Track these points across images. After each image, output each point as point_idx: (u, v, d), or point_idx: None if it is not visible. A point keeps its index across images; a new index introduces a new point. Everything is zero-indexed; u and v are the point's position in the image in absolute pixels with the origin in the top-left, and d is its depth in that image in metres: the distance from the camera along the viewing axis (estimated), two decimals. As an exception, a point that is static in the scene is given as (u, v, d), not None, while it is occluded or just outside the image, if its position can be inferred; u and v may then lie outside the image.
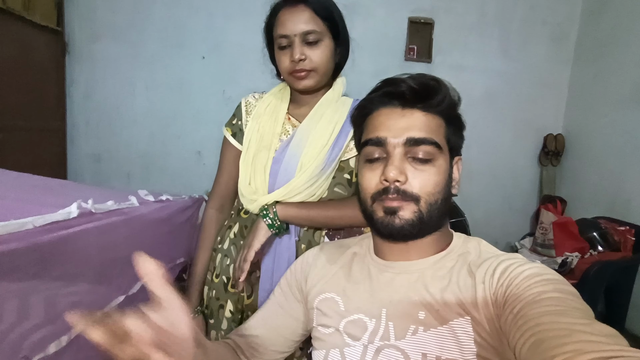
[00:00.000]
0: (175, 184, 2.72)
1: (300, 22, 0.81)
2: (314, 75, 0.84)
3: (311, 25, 0.81)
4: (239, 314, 0.88)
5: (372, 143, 0.58)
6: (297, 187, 0.83)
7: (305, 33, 0.81)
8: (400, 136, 0.56)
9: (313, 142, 0.85)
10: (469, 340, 0.49)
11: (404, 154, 0.56)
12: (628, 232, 2.05)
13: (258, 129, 0.90)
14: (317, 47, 0.83)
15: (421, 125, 0.56)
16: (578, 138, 2.76)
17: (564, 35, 2.84)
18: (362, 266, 0.64)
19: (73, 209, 0.54)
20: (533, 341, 0.40)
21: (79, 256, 0.57)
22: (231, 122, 0.96)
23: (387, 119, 0.58)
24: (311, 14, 0.82)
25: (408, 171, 0.55)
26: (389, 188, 0.55)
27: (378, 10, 2.74)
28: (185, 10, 2.69)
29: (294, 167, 0.85)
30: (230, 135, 0.95)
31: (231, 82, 2.72)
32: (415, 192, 0.54)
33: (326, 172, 0.85)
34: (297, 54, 0.81)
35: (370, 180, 0.57)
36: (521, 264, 0.51)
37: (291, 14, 0.81)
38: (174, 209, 1.00)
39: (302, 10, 0.81)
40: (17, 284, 0.46)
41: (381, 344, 0.54)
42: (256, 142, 0.90)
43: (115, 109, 2.75)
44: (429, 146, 0.55)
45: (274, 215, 0.81)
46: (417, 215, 0.54)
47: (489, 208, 2.88)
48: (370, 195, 0.57)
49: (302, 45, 0.82)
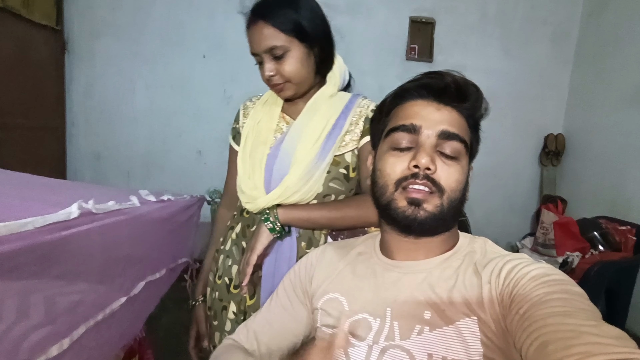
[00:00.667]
0: (175, 182, 2.72)
1: (262, 40, 0.80)
2: (290, 86, 0.84)
3: (273, 41, 0.80)
4: (242, 314, 0.88)
5: (404, 129, 0.57)
6: (292, 185, 0.82)
7: (269, 49, 0.81)
8: (434, 128, 0.56)
9: (306, 137, 0.85)
10: (475, 340, 0.49)
11: (434, 145, 0.56)
12: (629, 232, 2.05)
13: (254, 125, 0.92)
14: (284, 60, 0.82)
15: (454, 122, 0.57)
16: (578, 138, 2.76)
17: (564, 35, 2.84)
18: (367, 265, 0.63)
19: (74, 210, 0.53)
20: (540, 343, 0.40)
21: (80, 257, 0.56)
22: (232, 128, 1.00)
23: (422, 110, 0.58)
24: (270, 29, 0.80)
25: (437, 163, 0.55)
26: (418, 174, 0.54)
27: (379, 10, 2.74)
28: (186, 8, 2.68)
29: (288, 163, 0.84)
30: (231, 139, 0.99)
31: (232, 81, 2.71)
32: (442, 184, 0.54)
33: (320, 166, 0.84)
34: (267, 71, 0.82)
35: (395, 166, 0.56)
36: (528, 264, 0.50)
37: (254, 32, 0.81)
38: (175, 209, 0.99)
39: (262, 27, 0.80)
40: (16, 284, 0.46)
41: (386, 344, 0.54)
42: (253, 137, 0.91)
43: (115, 107, 2.75)
44: (459, 143, 0.56)
45: (274, 219, 0.80)
46: (439, 209, 0.54)
47: (489, 208, 2.88)
48: (395, 180, 0.56)
49: (271, 60, 0.82)
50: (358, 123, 0.88)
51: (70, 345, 0.53)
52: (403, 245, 0.59)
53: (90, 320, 0.60)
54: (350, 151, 0.88)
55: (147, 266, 0.86)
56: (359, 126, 0.88)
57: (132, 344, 0.94)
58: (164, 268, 0.96)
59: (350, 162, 0.88)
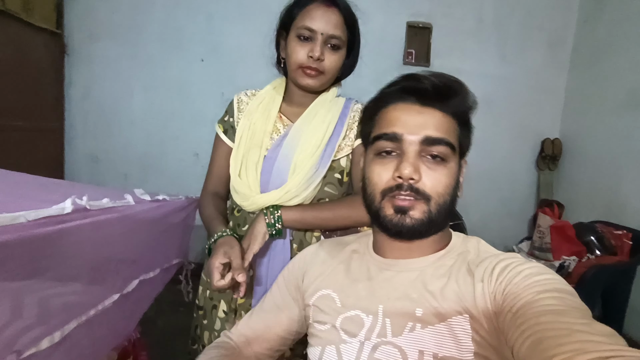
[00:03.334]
0: (172, 185, 2.72)
1: (330, 23, 0.81)
2: (322, 78, 0.85)
3: (338, 31, 0.82)
4: (233, 313, 0.87)
5: (386, 138, 0.56)
6: (292, 190, 0.82)
7: (331, 36, 0.82)
8: (417, 134, 0.55)
9: (306, 142, 0.85)
10: (467, 338, 0.49)
11: (418, 152, 0.55)
12: (625, 236, 2.06)
13: (250, 126, 0.90)
14: (335, 52, 0.83)
15: (438, 124, 0.55)
16: (575, 142, 2.77)
17: (560, 41, 2.86)
18: (361, 264, 0.63)
19: (67, 205, 0.54)
20: (532, 340, 0.40)
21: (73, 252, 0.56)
22: (223, 119, 0.96)
23: (403, 114, 0.57)
24: (341, 20, 0.82)
25: (422, 170, 0.54)
26: (402, 185, 0.54)
27: (377, 15, 2.76)
28: (184, 12, 2.69)
29: (287, 167, 0.84)
30: (222, 132, 0.95)
31: (230, 84, 2.72)
32: (427, 192, 0.54)
33: (321, 173, 0.85)
34: (317, 52, 0.81)
35: (381, 176, 0.56)
36: (520, 263, 0.51)
37: (324, 12, 0.81)
38: (170, 209, 0.99)
39: (335, 13, 0.82)
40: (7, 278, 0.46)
41: (378, 341, 0.54)
42: (247, 139, 0.89)
43: (113, 110, 2.75)
44: (445, 147, 0.55)
45: (276, 220, 0.80)
46: (427, 216, 0.54)
47: (486, 212, 2.89)
48: (381, 190, 0.56)
49: (324, 45, 0.82)
50: (352, 128, 0.89)
51: (62, 340, 0.53)
52: (395, 245, 0.59)
53: (82, 316, 0.60)
54: (345, 156, 0.89)
55: (140, 265, 0.86)
56: (353, 131, 0.89)
57: (127, 346, 0.94)
58: (158, 267, 0.96)
59: (345, 166, 0.89)
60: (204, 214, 0.91)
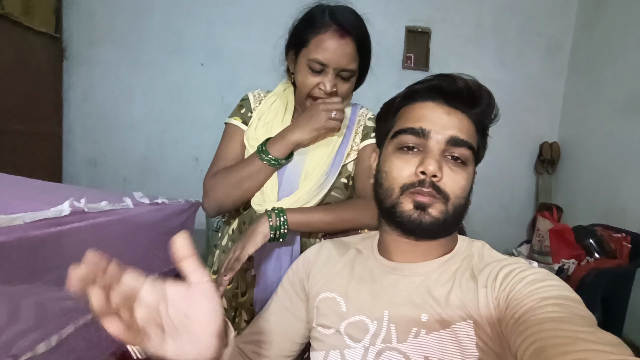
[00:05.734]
0: (171, 189, 2.71)
1: (342, 57, 0.78)
2: None
3: (351, 64, 0.80)
4: (233, 311, 0.87)
5: (412, 132, 0.56)
6: (304, 197, 0.82)
7: (344, 70, 0.80)
8: (443, 133, 0.55)
9: (317, 149, 0.86)
10: (471, 344, 0.48)
11: (442, 151, 0.55)
12: (624, 240, 2.05)
13: (266, 124, 0.89)
14: (347, 82, 0.83)
15: (463, 127, 0.56)
16: (573, 146, 2.78)
17: (558, 47, 2.88)
18: (365, 267, 0.63)
19: (65, 207, 0.53)
20: (535, 348, 0.39)
21: (70, 255, 0.56)
22: (239, 112, 0.94)
23: (431, 113, 0.56)
24: (354, 50, 0.80)
25: (443, 170, 0.54)
26: (425, 181, 0.53)
27: (375, 19, 2.75)
28: (185, 16, 2.70)
29: (298, 174, 0.84)
30: (241, 123, 0.92)
31: (230, 89, 2.73)
32: (447, 191, 0.54)
33: (332, 179, 0.85)
34: (329, 87, 0.79)
35: (402, 170, 0.55)
36: (524, 268, 0.50)
37: (338, 45, 0.78)
38: (169, 212, 0.99)
39: (347, 44, 0.79)
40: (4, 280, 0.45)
41: (382, 347, 0.53)
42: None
43: (112, 114, 2.75)
44: (467, 150, 0.55)
45: (282, 224, 0.79)
46: (444, 215, 0.54)
47: (486, 216, 2.88)
48: (401, 185, 0.55)
49: (335, 77, 0.80)
50: (358, 132, 0.90)
51: (59, 344, 0.53)
52: (402, 247, 0.58)
53: (80, 320, 0.59)
54: (352, 160, 0.89)
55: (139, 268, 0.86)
56: (359, 135, 0.90)
57: (125, 351, 0.93)
58: (157, 272, 0.95)
59: (352, 171, 0.89)
60: (227, 178, 0.84)
